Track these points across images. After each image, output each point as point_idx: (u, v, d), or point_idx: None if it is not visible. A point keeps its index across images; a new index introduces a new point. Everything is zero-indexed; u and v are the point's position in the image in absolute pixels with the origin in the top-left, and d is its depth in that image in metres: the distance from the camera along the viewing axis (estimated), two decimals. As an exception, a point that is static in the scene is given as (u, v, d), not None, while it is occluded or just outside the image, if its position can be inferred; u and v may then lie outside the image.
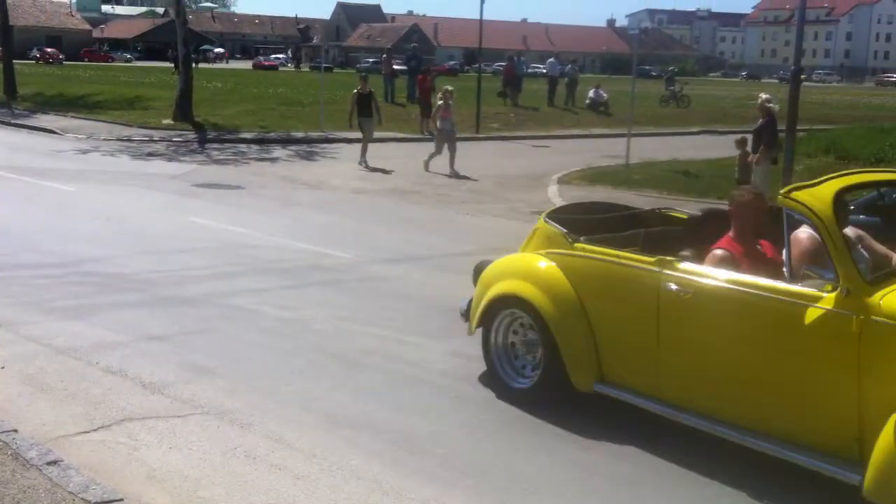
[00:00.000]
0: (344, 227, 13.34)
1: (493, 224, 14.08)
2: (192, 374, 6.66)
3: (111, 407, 5.97)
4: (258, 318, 8.22)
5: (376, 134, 22.82)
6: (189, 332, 7.71)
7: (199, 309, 8.44)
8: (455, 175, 19.05)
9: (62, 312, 8.08)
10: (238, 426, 5.76)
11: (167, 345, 7.34)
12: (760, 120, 14.39)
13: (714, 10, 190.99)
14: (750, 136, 14.71)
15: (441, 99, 20.20)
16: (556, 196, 16.67)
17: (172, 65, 58.34)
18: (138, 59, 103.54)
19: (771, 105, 14.37)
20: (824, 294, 4.87)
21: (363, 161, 20.38)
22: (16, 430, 5.36)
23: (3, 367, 6.60)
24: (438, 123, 20.06)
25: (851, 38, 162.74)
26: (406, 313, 8.66)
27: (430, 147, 20.42)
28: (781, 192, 5.25)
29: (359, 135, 21.43)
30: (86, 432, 5.57)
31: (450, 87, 21.32)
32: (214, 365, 6.88)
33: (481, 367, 7.08)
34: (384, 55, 39.26)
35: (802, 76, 14.27)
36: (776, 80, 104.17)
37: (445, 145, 19.76)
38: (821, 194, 5.11)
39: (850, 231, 5.71)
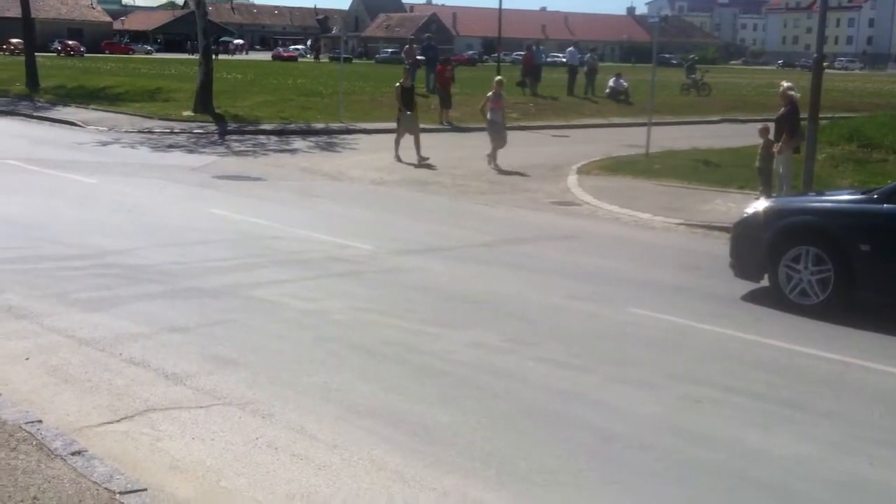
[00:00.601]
0: (364, 219, 13.36)
1: (513, 214, 14.06)
2: (214, 365, 6.71)
3: (134, 398, 6.02)
4: (279, 310, 8.26)
5: (395, 124, 22.74)
6: (210, 323, 7.76)
7: (220, 300, 8.49)
8: (498, 169, 18.57)
9: (85, 304, 8.15)
10: (260, 417, 5.80)
11: (189, 336, 7.39)
12: (782, 108, 14.26)
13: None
14: (772, 125, 14.58)
15: (492, 90, 19.55)
16: (575, 186, 16.64)
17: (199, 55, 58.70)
18: (158, 51, 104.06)
19: (793, 93, 14.25)
20: None
21: (397, 155, 19.84)
22: (40, 421, 5.41)
23: (27, 359, 6.67)
24: (489, 115, 19.37)
25: (874, 24, 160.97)
26: (426, 304, 8.68)
27: (452, 137, 20.40)
28: None
29: (383, 125, 21.47)
30: (109, 423, 5.62)
31: (500, 77, 20.67)
32: (236, 356, 6.92)
33: (501, 356, 7.11)
34: (406, 45, 39.19)
35: (825, 63, 14.12)
36: (798, 68, 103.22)
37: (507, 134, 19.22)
38: None
39: None
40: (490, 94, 19.59)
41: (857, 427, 6.05)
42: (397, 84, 21.14)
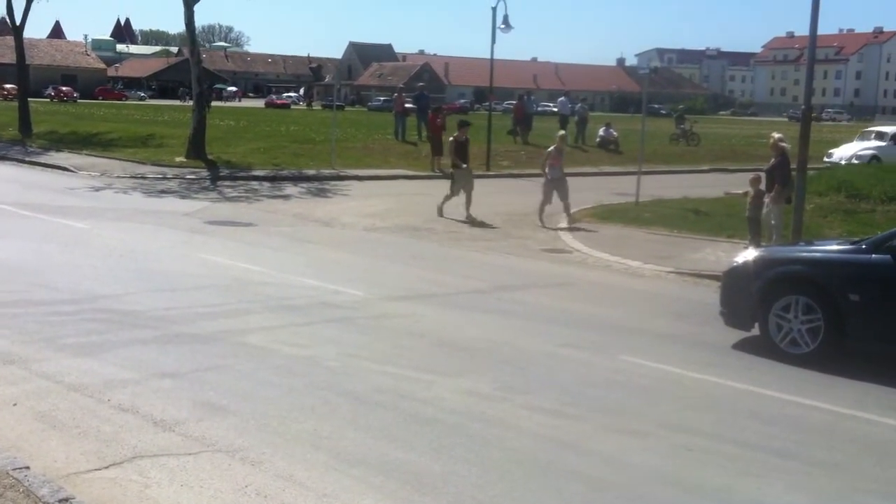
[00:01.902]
0: (355, 265, 13.38)
1: (505, 261, 14.10)
2: (204, 412, 6.66)
3: (123, 444, 5.97)
4: (270, 356, 8.23)
5: (387, 171, 22.96)
6: (201, 369, 7.72)
7: (211, 346, 8.46)
8: (573, 225, 17.50)
9: (75, 349, 8.11)
10: (249, 464, 5.75)
11: (179, 382, 7.35)
12: (773, 159, 14.41)
13: (723, 49, 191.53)
14: (763, 175, 14.72)
15: (554, 145, 18.59)
16: (566, 233, 16.71)
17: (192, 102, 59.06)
18: (152, 97, 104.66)
19: (784, 144, 14.41)
20: None
21: (468, 214, 18.36)
22: (28, 467, 5.36)
23: (15, 405, 6.62)
24: (547, 171, 18.31)
25: (861, 76, 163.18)
26: (417, 351, 8.66)
27: (443, 185, 20.44)
28: None
29: (375, 172, 21.41)
30: (97, 469, 5.56)
31: (563, 132, 19.82)
32: (226, 402, 6.88)
33: (493, 404, 7.08)
34: (396, 94, 39.56)
35: (812, 115, 14.30)
36: (786, 119, 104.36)
37: (555, 193, 18.12)
38: None
39: None
40: (551, 148, 18.63)
41: (850, 477, 6.03)
42: (451, 138, 19.80)
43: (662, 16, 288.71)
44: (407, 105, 36.85)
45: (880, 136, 33.13)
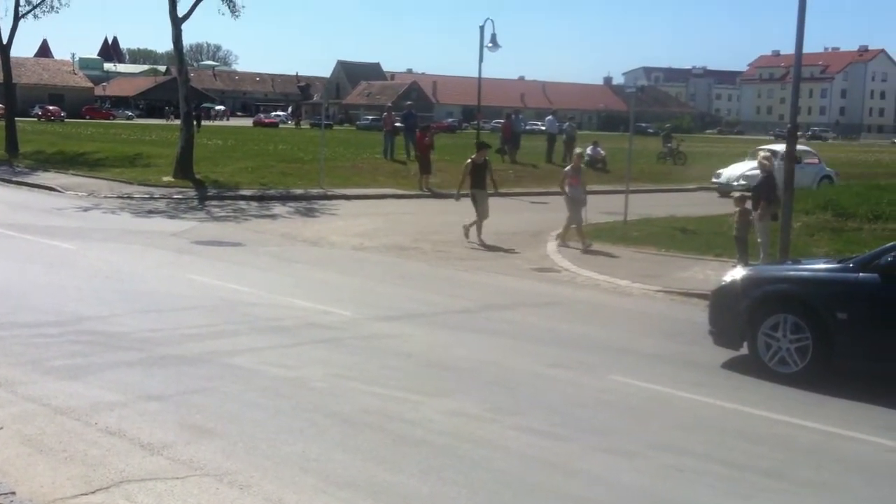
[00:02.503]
0: (343, 285, 13.35)
1: (493, 281, 14.09)
2: (191, 435, 6.61)
3: (109, 468, 5.92)
4: (257, 378, 8.19)
5: (375, 190, 22.94)
6: (188, 391, 7.68)
7: (198, 368, 8.41)
8: (587, 249, 16.88)
9: (61, 372, 8.05)
10: (237, 488, 5.70)
11: (166, 405, 7.30)
12: (759, 177, 14.48)
13: (709, 67, 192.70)
14: (748, 193, 14.78)
15: (571, 163, 17.70)
16: (554, 253, 16.73)
17: (195, 122, 59.15)
18: (140, 116, 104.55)
19: (769, 162, 14.50)
20: None
21: (479, 239, 17.79)
22: (13, 493, 5.31)
23: (1, 429, 6.55)
24: (567, 190, 17.82)
25: (846, 95, 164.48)
26: (406, 371, 8.63)
27: (432, 203, 20.46)
28: None
29: (363, 191, 21.34)
30: (84, 494, 5.51)
31: (580, 150, 19.06)
32: (213, 425, 6.84)
33: (482, 425, 7.05)
34: (385, 112, 39.65)
35: (798, 133, 14.39)
36: (771, 137, 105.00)
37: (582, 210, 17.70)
38: None
39: None
40: (568, 168, 18.09)
41: (838, 497, 6.03)
42: (469, 160, 18.91)
43: (649, 35, 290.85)
44: (396, 124, 36.90)
45: (772, 155, 32.12)
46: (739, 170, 30.15)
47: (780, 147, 32.25)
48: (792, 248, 14.17)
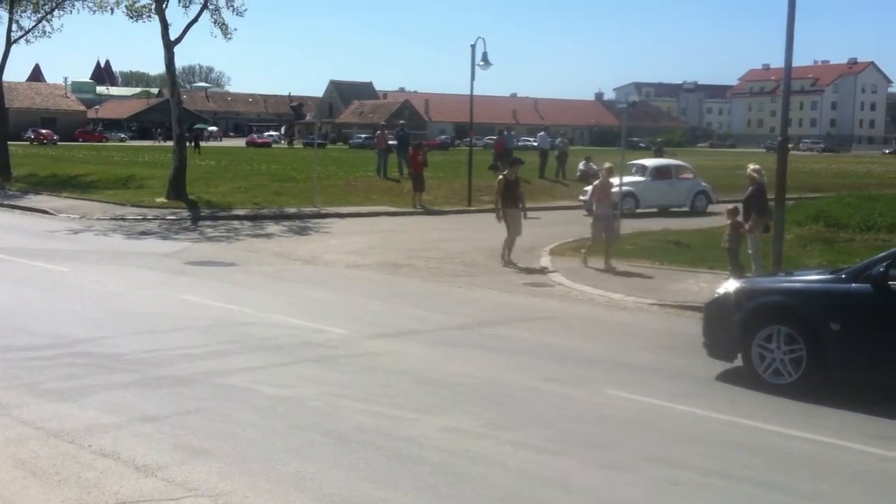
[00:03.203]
0: (338, 303, 13.33)
1: (487, 296, 14.09)
2: (186, 456, 6.59)
3: (104, 491, 5.89)
4: (252, 397, 8.16)
5: (369, 208, 22.90)
6: (182, 412, 7.65)
7: (192, 388, 8.39)
8: (610, 269, 16.21)
9: (54, 394, 8.02)
10: (232, 508, 5.68)
11: (161, 426, 7.27)
12: (749, 189, 14.55)
13: (700, 82, 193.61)
14: (741, 206, 14.83)
15: (599, 179, 16.70)
16: (549, 268, 16.73)
17: (193, 143, 59.42)
18: (132, 138, 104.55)
19: (758, 175, 14.56)
20: None
21: (507, 258, 17.27)
22: (6, 517, 5.28)
23: (-6, 452, 6.53)
24: (595, 207, 16.91)
25: (836, 107, 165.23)
26: (401, 389, 8.62)
27: (425, 220, 20.46)
28: None
29: (357, 209, 21.30)
30: (77, 517, 5.48)
31: (610, 164, 17.85)
32: (208, 446, 6.81)
33: (477, 441, 7.04)
34: (378, 131, 39.74)
35: (790, 145, 14.45)
36: (763, 150, 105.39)
37: (603, 234, 16.79)
38: None
39: None
40: (596, 183, 16.88)
41: (836, 507, 6.03)
42: (500, 176, 18.19)
43: (639, 50, 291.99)
44: (390, 142, 36.97)
45: (641, 170, 28.63)
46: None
47: (650, 161, 30.51)
48: (784, 259, 14.21)
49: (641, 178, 27.98)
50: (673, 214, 26.66)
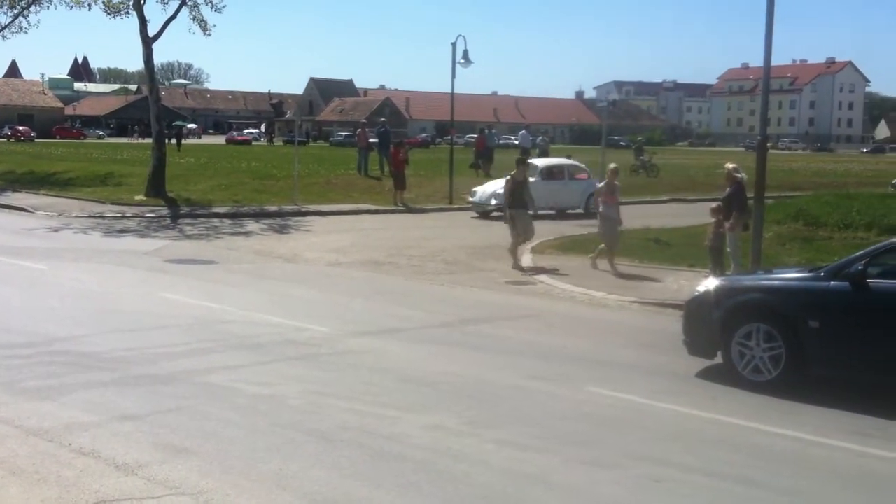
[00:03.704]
0: (319, 301, 13.30)
1: (469, 294, 14.09)
2: (167, 454, 6.55)
3: (84, 490, 5.84)
4: (233, 395, 8.13)
5: (350, 206, 22.69)
6: (163, 410, 7.61)
7: (172, 387, 8.34)
8: (617, 273, 15.70)
9: (33, 393, 7.95)
10: (214, 507, 5.65)
11: (141, 424, 7.22)
12: (728, 189, 14.62)
13: (680, 81, 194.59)
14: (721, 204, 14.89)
15: (606, 179, 16.09)
16: (529, 266, 16.75)
17: (175, 141, 59.27)
18: (111, 135, 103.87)
19: (738, 174, 14.63)
20: None
21: (517, 262, 16.69)
22: (-15, 517, 5.23)
23: (-28, 451, 6.46)
24: (601, 209, 16.40)
25: (815, 106, 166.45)
26: (383, 387, 8.60)
27: (406, 218, 20.43)
28: None
29: (338, 207, 21.22)
30: (57, 517, 5.44)
31: (615, 165, 17.38)
32: (189, 444, 6.77)
33: (460, 439, 7.04)
34: (359, 129, 39.68)
35: (769, 144, 14.53)
36: (742, 148, 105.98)
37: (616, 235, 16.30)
38: None
39: None
40: (601, 184, 16.23)
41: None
42: (508, 177, 17.60)
43: (619, 49, 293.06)
44: (370, 140, 36.92)
45: (532, 170, 24.89)
46: (492, 187, 26.06)
47: (541, 161, 28.63)
48: (764, 257, 14.29)
49: (532, 179, 23.92)
50: (567, 217, 25.71)
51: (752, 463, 6.76)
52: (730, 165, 15.02)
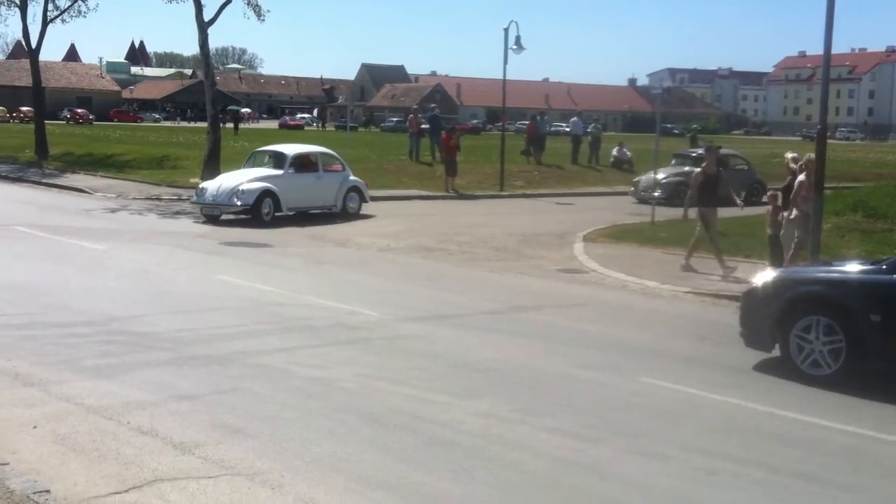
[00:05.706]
0: (371, 286, 13.35)
1: (519, 282, 14.05)
2: (223, 434, 6.63)
3: (142, 467, 5.94)
4: (287, 377, 8.20)
5: (401, 191, 22.51)
6: (219, 391, 7.70)
7: (228, 368, 8.44)
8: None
9: (93, 371, 8.10)
10: (269, 488, 5.71)
11: (197, 404, 7.33)
12: (788, 178, 14.34)
13: (735, 68, 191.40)
14: (780, 192, 14.62)
15: (803, 170, 13.53)
16: (581, 254, 16.65)
17: (232, 125, 60.15)
18: (166, 119, 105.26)
19: (796, 164, 14.34)
20: None
21: (687, 263, 14.98)
22: (48, 491, 5.34)
23: (35, 427, 6.61)
24: (802, 206, 13.48)
25: (874, 95, 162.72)
26: (434, 372, 8.61)
27: (458, 205, 20.32)
28: None
29: (389, 192, 21.08)
30: (117, 493, 5.53)
31: (811, 155, 13.60)
32: (244, 425, 6.85)
33: (511, 427, 7.03)
34: (410, 114, 39.68)
35: (827, 134, 14.20)
36: (799, 138, 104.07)
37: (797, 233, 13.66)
38: None
39: None
40: (802, 176, 13.54)
41: (874, 500, 5.96)
42: (699, 169, 15.79)
43: (674, 36, 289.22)
44: (422, 125, 36.89)
45: (279, 159, 21.64)
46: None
47: (289, 148, 21.85)
48: (823, 249, 14.01)
49: (280, 171, 20.83)
50: (315, 219, 21.16)
51: (809, 458, 6.65)
52: (789, 155, 14.74)
